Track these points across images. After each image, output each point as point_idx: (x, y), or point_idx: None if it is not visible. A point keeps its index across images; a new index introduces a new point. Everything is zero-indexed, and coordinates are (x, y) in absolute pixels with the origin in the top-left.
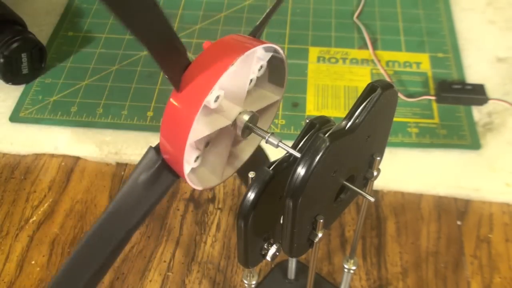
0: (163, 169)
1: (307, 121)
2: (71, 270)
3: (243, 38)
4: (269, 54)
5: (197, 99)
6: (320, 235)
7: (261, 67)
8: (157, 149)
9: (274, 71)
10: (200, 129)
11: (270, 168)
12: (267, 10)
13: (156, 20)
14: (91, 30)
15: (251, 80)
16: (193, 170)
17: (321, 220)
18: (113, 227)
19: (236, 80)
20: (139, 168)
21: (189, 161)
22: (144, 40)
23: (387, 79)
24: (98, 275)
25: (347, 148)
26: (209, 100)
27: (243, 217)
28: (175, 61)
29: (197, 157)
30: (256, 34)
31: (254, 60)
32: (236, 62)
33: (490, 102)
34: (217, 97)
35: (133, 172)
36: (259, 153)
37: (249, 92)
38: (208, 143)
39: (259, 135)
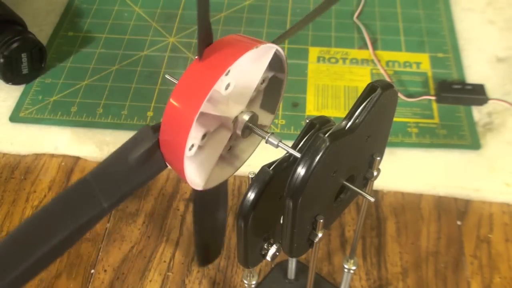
0: (156, 150)
1: (307, 121)
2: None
3: (256, 39)
4: (272, 73)
5: (215, 71)
6: (320, 235)
7: (263, 80)
8: (153, 128)
9: (269, 95)
10: (206, 106)
11: (270, 168)
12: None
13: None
14: (91, 30)
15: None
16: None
17: (321, 220)
18: (89, 199)
19: (244, 78)
20: (130, 143)
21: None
22: (200, 10)
23: (387, 79)
24: (55, 252)
25: (347, 148)
26: (222, 83)
27: (243, 217)
28: (205, 35)
29: (192, 146)
30: (277, 43)
31: (266, 63)
32: (254, 50)
33: (490, 102)
34: (228, 85)
35: (123, 146)
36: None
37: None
38: (205, 135)
39: (259, 135)
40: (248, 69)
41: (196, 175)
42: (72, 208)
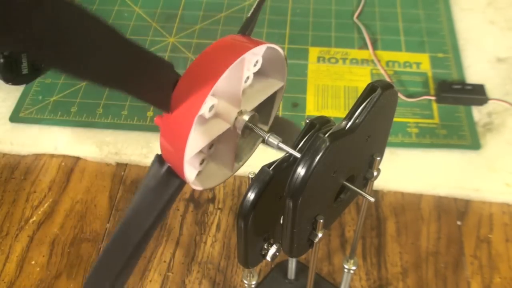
0: (169, 175)
1: (307, 121)
2: (97, 273)
3: (233, 42)
4: (264, 47)
5: (189, 116)
6: (320, 235)
7: (257, 62)
8: (160, 159)
9: (272, 62)
10: (199, 140)
11: (270, 168)
12: (254, 5)
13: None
14: None
15: (247, 78)
16: (199, 172)
17: (321, 220)
18: (131, 231)
19: (230, 83)
20: (148, 176)
21: (194, 166)
22: (126, 87)
23: (387, 79)
24: (123, 275)
25: (347, 148)
26: (203, 112)
27: (243, 217)
28: (163, 87)
29: (203, 160)
30: (246, 31)
31: (246, 60)
32: (226, 72)
33: (490, 102)
34: (212, 106)
35: (143, 180)
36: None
37: (246, 89)
38: (212, 145)
39: (259, 135)
40: (229, 77)
41: (213, 178)
42: (126, 241)
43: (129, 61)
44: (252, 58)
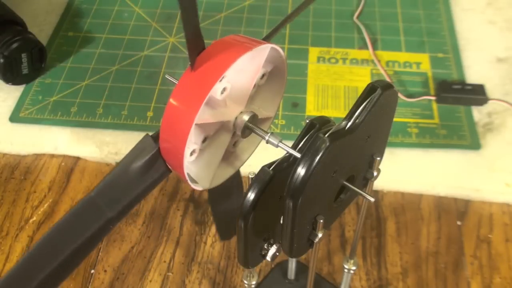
0: (158, 158)
1: (307, 121)
2: (39, 255)
3: (251, 39)
4: (272, 66)
5: (208, 81)
6: (320, 235)
7: (263, 75)
8: (154, 137)
9: (272, 88)
10: (204, 115)
11: (270, 168)
12: (288, 14)
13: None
14: (91, 30)
15: (254, 85)
16: (186, 166)
17: (321, 220)
18: (94, 212)
19: (241, 78)
20: (132, 154)
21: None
22: (185, 17)
23: (387, 79)
24: (71, 262)
25: (347, 148)
26: (216, 89)
27: (243, 217)
28: (195, 42)
29: (193, 151)
30: (269, 39)
31: (262, 61)
32: (248, 53)
33: (490, 102)
34: (224, 89)
35: (125, 158)
36: (234, 179)
37: (250, 96)
38: (205, 139)
39: (259, 135)
40: (244, 68)
41: (197, 177)
42: (79, 222)
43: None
44: (264, 67)
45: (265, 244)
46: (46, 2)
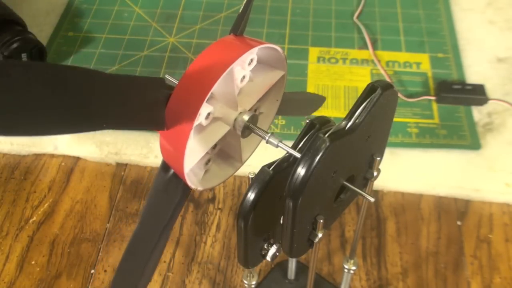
0: (174, 179)
1: (307, 121)
2: (122, 275)
3: (224, 47)
4: (256, 49)
5: (184, 131)
6: (320, 235)
7: (252, 60)
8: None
9: (269, 55)
10: (200, 147)
11: (270, 168)
12: (244, 2)
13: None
14: (91, 30)
15: (243, 77)
16: (207, 171)
17: (321, 220)
18: (147, 232)
19: (227, 85)
20: (156, 179)
21: (199, 168)
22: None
23: (387, 79)
24: (145, 279)
25: (347, 148)
26: (200, 121)
27: (243, 217)
28: (156, 107)
29: (208, 160)
30: (237, 30)
31: (239, 61)
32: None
33: (490, 102)
34: (208, 114)
35: (152, 185)
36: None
37: (245, 86)
38: (215, 144)
39: (259, 135)
40: (224, 80)
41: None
42: (145, 242)
43: (116, 96)
44: (246, 58)
45: (265, 244)
46: (46, 2)
